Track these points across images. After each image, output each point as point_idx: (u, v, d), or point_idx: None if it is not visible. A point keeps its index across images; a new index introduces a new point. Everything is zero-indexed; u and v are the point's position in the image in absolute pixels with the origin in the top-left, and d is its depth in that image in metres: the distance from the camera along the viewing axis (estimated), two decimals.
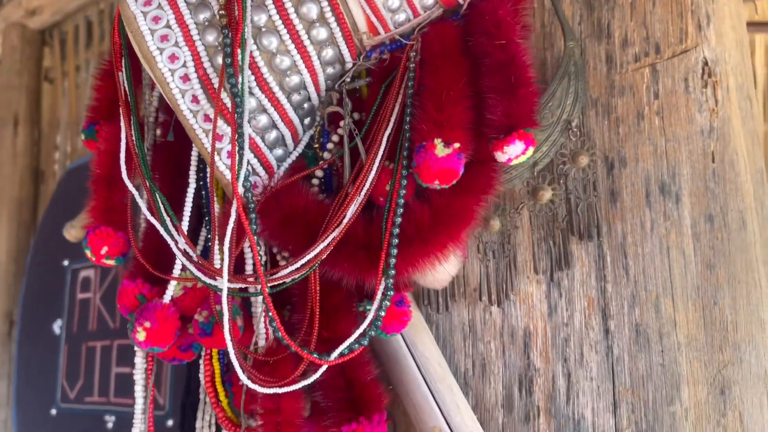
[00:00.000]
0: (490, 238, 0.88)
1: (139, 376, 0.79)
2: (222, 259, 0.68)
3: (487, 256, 0.88)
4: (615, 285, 0.83)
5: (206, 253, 0.81)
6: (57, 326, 1.88)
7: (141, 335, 0.71)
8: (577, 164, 0.84)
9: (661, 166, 0.83)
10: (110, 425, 1.67)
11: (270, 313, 0.67)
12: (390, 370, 0.85)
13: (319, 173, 0.79)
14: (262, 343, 0.76)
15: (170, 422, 1.40)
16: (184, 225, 0.76)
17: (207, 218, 0.81)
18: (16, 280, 2.21)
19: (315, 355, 0.67)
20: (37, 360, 1.93)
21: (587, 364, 0.83)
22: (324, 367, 0.69)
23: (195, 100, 0.72)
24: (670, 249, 0.82)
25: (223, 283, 0.67)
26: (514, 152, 0.71)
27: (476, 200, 0.75)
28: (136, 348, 0.79)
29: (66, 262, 1.88)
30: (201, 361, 0.79)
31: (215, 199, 0.75)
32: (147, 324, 0.71)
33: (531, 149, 0.71)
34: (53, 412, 1.83)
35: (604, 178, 0.85)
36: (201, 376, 0.79)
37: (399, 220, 0.71)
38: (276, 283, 0.71)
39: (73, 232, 1.24)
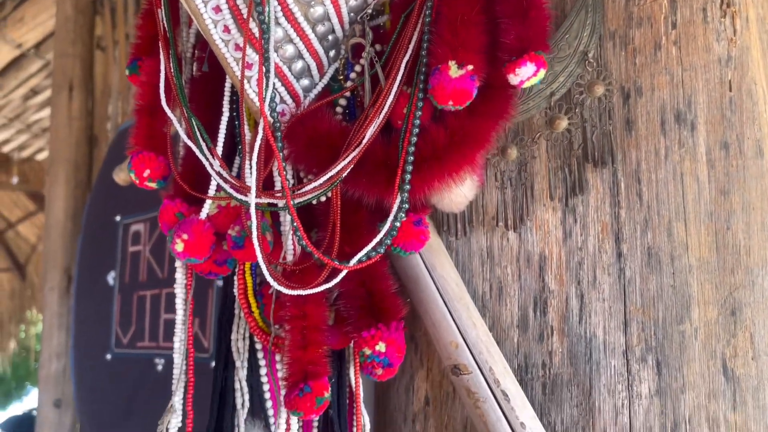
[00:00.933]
0: (507, 167, 0.91)
1: (179, 290, 0.86)
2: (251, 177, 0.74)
3: (504, 184, 0.91)
4: (628, 210, 0.85)
5: (239, 176, 0.87)
6: (111, 277, 1.99)
7: (179, 246, 0.78)
8: (592, 94, 0.87)
9: (677, 95, 0.85)
10: (160, 368, 1.78)
11: (295, 224, 0.72)
12: (411, 291, 0.90)
13: (342, 102, 0.84)
14: (290, 258, 0.81)
15: (214, 364, 1.49)
16: (219, 149, 0.83)
17: (240, 147, 0.87)
18: (73, 238, 2.30)
19: (336, 261, 0.73)
20: (92, 310, 2.05)
21: (600, 285, 0.86)
22: (344, 272, 0.75)
23: (226, 29, 0.77)
24: (684, 175, 0.84)
25: (251, 197, 0.72)
26: (525, 74, 0.74)
27: (492, 124, 0.79)
28: (177, 263, 0.86)
29: (118, 218, 1.98)
30: (235, 277, 0.86)
31: (246, 123, 0.81)
32: (185, 236, 0.78)
33: (542, 71, 0.75)
34: (108, 356, 1.95)
35: (620, 107, 0.87)
36: (234, 290, 0.85)
37: (415, 139, 0.76)
38: (301, 199, 0.76)
39: (122, 175, 1.32)
